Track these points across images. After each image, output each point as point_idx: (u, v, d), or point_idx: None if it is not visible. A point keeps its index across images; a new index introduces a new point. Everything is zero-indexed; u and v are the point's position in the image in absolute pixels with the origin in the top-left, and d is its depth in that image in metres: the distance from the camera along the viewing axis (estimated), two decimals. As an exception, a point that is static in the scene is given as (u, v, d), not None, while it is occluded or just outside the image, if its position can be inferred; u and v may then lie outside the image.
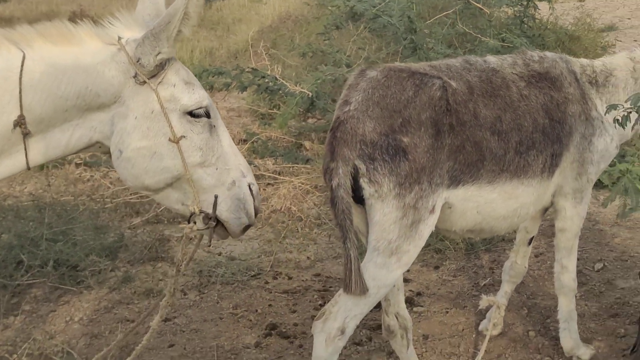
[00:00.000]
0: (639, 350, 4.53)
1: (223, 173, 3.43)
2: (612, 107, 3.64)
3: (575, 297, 5.20)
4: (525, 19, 9.64)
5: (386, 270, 3.73)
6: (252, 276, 6.01)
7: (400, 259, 3.73)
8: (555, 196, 4.42)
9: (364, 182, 3.63)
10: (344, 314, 3.74)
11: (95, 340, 5.05)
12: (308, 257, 6.39)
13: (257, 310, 5.47)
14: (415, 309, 5.45)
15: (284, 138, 8.88)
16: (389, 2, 9.27)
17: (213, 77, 8.66)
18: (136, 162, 3.25)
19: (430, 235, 6.00)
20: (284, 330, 5.20)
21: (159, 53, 3.19)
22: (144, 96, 3.24)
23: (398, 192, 3.62)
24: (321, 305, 5.45)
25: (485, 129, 3.87)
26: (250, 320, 5.34)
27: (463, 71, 4.02)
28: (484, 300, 4.95)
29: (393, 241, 3.69)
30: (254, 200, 3.50)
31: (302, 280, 5.96)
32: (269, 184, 7.67)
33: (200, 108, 3.33)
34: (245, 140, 8.90)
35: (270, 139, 8.90)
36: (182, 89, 3.30)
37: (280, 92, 8.71)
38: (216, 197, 3.37)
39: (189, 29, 3.27)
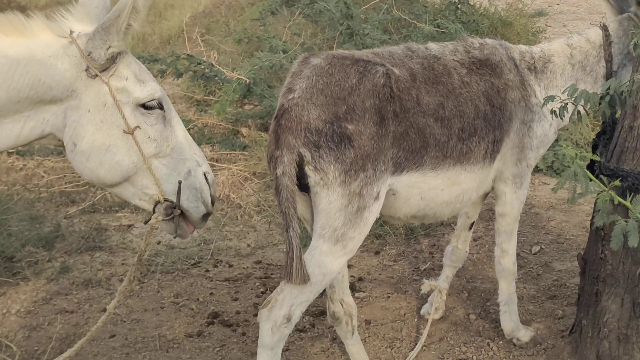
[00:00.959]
0: (577, 330, 4.62)
1: (178, 163, 3.44)
2: (549, 98, 3.69)
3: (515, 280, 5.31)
4: (459, 4, 9.72)
5: (332, 257, 3.73)
6: (192, 265, 5.97)
7: (345, 246, 3.74)
8: (495, 181, 4.48)
9: (309, 170, 3.62)
10: (289, 301, 3.73)
11: (34, 332, 4.95)
12: (248, 245, 6.37)
13: (198, 299, 5.44)
14: (357, 294, 5.48)
15: (221, 125, 8.81)
16: (325, -12, 9.25)
17: (148, 64, 8.54)
18: (91, 155, 3.25)
19: (371, 221, 6.08)
20: (226, 318, 5.17)
21: (110, 47, 3.20)
22: (96, 89, 3.24)
23: (343, 180, 3.63)
24: (263, 293, 5.45)
25: (428, 116, 3.88)
26: (192, 309, 5.30)
27: (405, 58, 4.03)
28: (426, 285, 5.01)
29: (338, 228, 3.69)
30: (210, 189, 3.53)
31: (243, 268, 5.94)
32: (221, 169, 7.62)
33: (153, 100, 3.34)
34: (181, 128, 8.80)
35: (206, 126, 8.82)
36: (134, 82, 3.31)
37: (217, 78, 8.65)
38: (180, 182, 3.40)
39: (139, 23, 3.27)
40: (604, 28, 4.61)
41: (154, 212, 3.40)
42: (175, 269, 5.80)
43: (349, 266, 5.87)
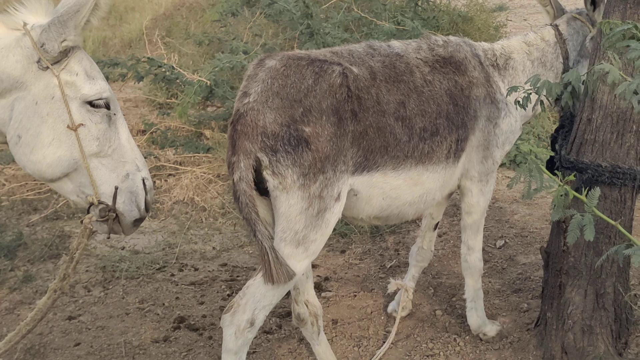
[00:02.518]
0: (542, 323, 4.66)
1: (118, 165, 3.49)
2: (512, 89, 3.72)
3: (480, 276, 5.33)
4: (419, 1, 9.74)
5: (294, 260, 3.70)
6: (157, 269, 5.92)
7: (307, 249, 3.72)
8: (461, 179, 4.47)
9: (267, 175, 3.60)
10: (252, 305, 3.73)
11: (-2, 343, 4.89)
12: (213, 247, 6.34)
13: (164, 304, 5.40)
14: (323, 294, 5.47)
15: (184, 127, 8.77)
16: (285, -12, 9.23)
17: (108, 68, 8.48)
18: (34, 148, 3.28)
19: (336, 220, 6.08)
20: (192, 322, 5.14)
21: (64, 40, 3.23)
22: (45, 82, 3.27)
23: (302, 183, 3.60)
24: (229, 296, 5.43)
25: (388, 115, 3.86)
26: (158, 314, 5.27)
27: (366, 57, 4.01)
28: (392, 284, 5.03)
29: (300, 231, 3.67)
30: (146, 195, 3.58)
31: (209, 271, 5.91)
32: (170, 174, 7.58)
33: (101, 99, 3.37)
34: (144, 131, 8.76)
35: (169, 128, 8.78)
36: (84, 78, 3.35)
37: (178, 81, 8.59)
38: (116, 188, 3.44)
39: (98, 19, 3.30)
40: (555, 27, 4.69)
41: (88, 212, 3.45)
42: (140, 274, 5.76)
43: (315, 266, 5.87)
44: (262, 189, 3.68)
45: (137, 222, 3.63)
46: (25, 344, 4.81)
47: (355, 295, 5.38)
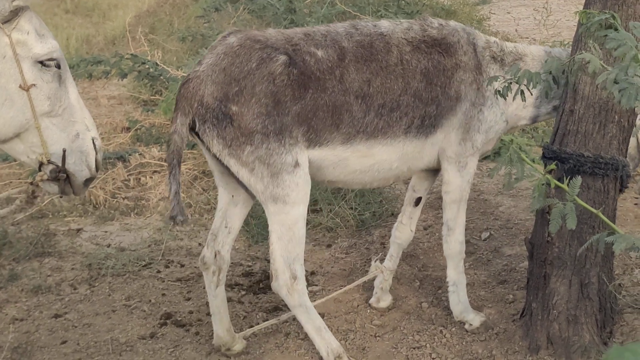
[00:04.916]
0: (527, 314, 4.68)
1: (68, 125, 3.58)
2: (493, 78, 3.74)
3: (465, 265, 5.35)
4: (402, -5, 9.78)
5: (283, 213, 4.16)
6: (143, 266, 5.91)
7: (286, 201, 4.14)
8: (441, 160, 4.61)
9: (204, 139, 4.09)
10: (285, 263, 4.21)
11: (-16, 342, 4.89)
12: (199, 244, 6.33)
13: (150, 301, 5.39)
14: (310, 288, 5.47)
15: (169, 124, 8.74)
16: (268, -17, 9.24)
17: (91, 65, 8.47)
18: None
19: (322, 215, 6.12)
20: (179, 318, 5.14)
21: (16, 0, 3.29)
22: None
23: (229, 152, 4.06)
24: (215, 291, 5.42)
25: (349, 94, 4.18)
26: (144, 311, 5.26)
27: (343, 37, 4.29)
28: (373, 267, 5.08)
29: (264, 191, 4.12)
30: (96, 154, 3.70)
31: (195, 267, 5.90)
32: (155, 171, 7.56)
33: (52, 59, 3.45)
34: (128, 129, 8.74)
35: (154, 125, 8.75)
36: (35, 38, 3.41)
37: (162, 77, 8.60)
38: (64, 150, 3.54)
39: None
40: None
41: (39, 170, 3.54)
42: (126, 271, 5.75)
43: (301, 260, 5.88)
44: None
45: (88, 181, 3.77)
46: (11, 343, 4.80)
47: (342, 288, 5.38)
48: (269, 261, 5.83)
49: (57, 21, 16.11)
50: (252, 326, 4.99)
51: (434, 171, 4.89)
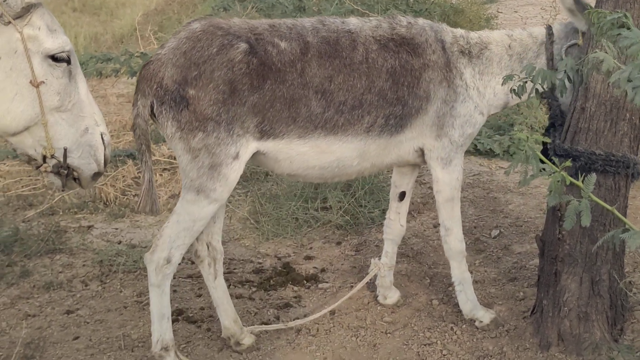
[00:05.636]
0: (538, 311, 4.69)
1: (77, 119, 3.64)
2: (508, 77, 3.75)
3: (475, 263, 5.38)
4: (411, -7, 9.79)
5: (197, 206, 4.22)
6: (154, 263, 5.92)
7: (208, 196, 4.19)
8: (426, 160, 4.66)
9: (159, 120, 4.14)
10: (168, 245, 4.27)
11: (-2, 337, 4.92)
12: (210, 241, 6.34)
13: (162, 297, 5.41)
14: (320, 285, 5.51)
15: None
16: (276, -19, 9.26)
17: (101, 63, 8.47)
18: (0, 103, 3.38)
19: (331, 212, 6.13)
20: (190, 315, 5.17)
21: None
22: (7, 36, 3.36)
23: (180, 136, 4.09)
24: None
25: (309, 88, 4.21)
26: (156, 307, 5.28)
27: (309, 31, 4.32)
28: (372, 264, 5.15)
29: (195, 179, 4.17)
30: (105, 149, 3.78)
31: (206, 264, 5.91)
32: (165, 169, 7.58)
33: (63, 52, 3.50)
34: (138, 126, 8.74)
35: (163, 123, 8.76)
36: (46, 33, 3.47)
37: (171, 75, 8.60)
38: (65, 149, 3.62)
39: None
40: (549, 28, 4.71)
41: (44, 162, 3.62)
42: (137, 268, 5.76)
43: (311, 257, 5.91)
44: None
45: (96, 176, 3.85)
46: (24, 338, 4.83)
47: (352, 286, 5.40)
48: (279, 258, 5.91)
49: (65, 19, 16.13)
50: (263, 323, 5.02)
51: (414, 166, 4.93)
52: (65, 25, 14.81)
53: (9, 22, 3.34)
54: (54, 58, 3.50)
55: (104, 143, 3.80)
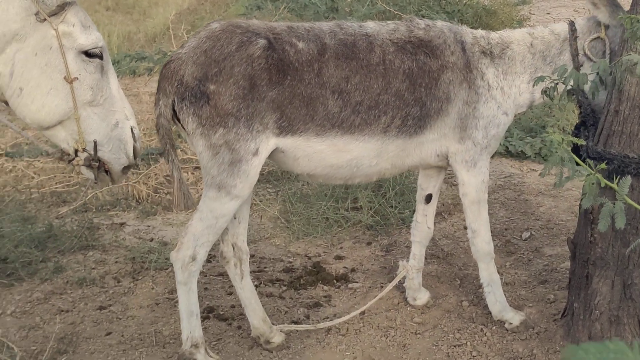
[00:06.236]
0: (569, 314, 4.68)
1: (109, 114, 3.74)
2: (539, 79, 3.75)
3: (505, 265, 5.37)
4: (443, -6, 9.78)
5: (219, 202, 4.27)
6: (185, 260, 5.97)
7: (229, 192, 4.24)
8: (450, 162, 4.67)
9: (180, 117, 4.20)
10: (193, 242, 4.33)
11: (32, 332, 4.96)
12: (240, 239, 6.38)
13: (193, 294, 5.45)
14: (350, 285, 5.53)
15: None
16: (309, -18, 9.29)
17: (135, 62, 8.57)
18: (35, 97, 3.50)
19: (362, 213, 6.14)
20: (221, 312, 5.20)
21: None
22: (42, 32, 3.46)
23: (201, 132, 4.15)
24: (257, 287, 5.47)
25: (325, 87, 4.25)
26: (187, 305, 5.32)
27: (326, 34, 4.38)
28: (401, 266, 5.17)
29: (215, 176, 4.22)
30: (135, 142, 3.88)
31: (236, 262, 5.95)
32: (197, 167, 7.62)
33: (96, 48, 3.61)
34: (170, 125, 8.80)
35: (195, 122, 8.81)
36: (80, 30, 3.58)
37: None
38: (95, 142, 3.71)
39: None
40: (571, 23, 4.70)
41: (76, 155, 3.71)
42: (169, 265, 5.80)
43: (341, 257, 5.93)
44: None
45: (126, 169, 3.96)
46: (58, 333, 4.89)
47: (382, 287, 5.42)
48: (309, 257, 5.93)
49: (99, 18, 16.26)
50: (293, 322, 5.05)
51: (440, 168, 4.93)
52: (98, 23, 14.89)
53: (44, 20, 3.44)
54: (87, 54, 3.60)
55: (134, 137, 3.90)
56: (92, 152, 3.72)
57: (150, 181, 7.27)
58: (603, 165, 3.03)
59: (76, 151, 3.70)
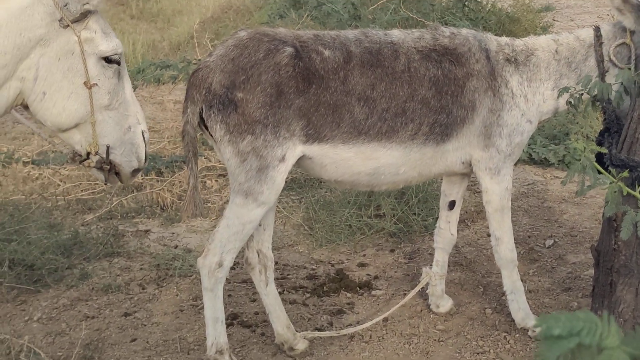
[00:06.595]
0: (592, 322, 4.66)
1: (122, 118, 3.84)
2: (564, 89, 3.75)
3: (529, 273, 5.37)
4: (467, 2, 9.77)
5: (246, 209, 4.31)
6: (209, 267, 6.00)
7: (257, 199, 4.28)
8: (474, 170, 4.69)
9: (208, 124, 4.26)
10: (220, 249, 4.37)
11: (59, 338, 5.01)
12: (264, 246, 6.40)
13: (217, 301, 5.48)
14: (373, 292, 5.55)
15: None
16: (332, -10, 9.33)
17: (159, 70, 8.63)
18: (57, 101, 3.61)
19: (385, 220, 6.16)
20: (245, 319, 5.23)
21: (87, 3, 3.56)
22: (65, 38, 3.57)
23: (229, 139, 4.21)
24: (280, 294, 5.49)
25: (351, 95, 4.29)
26: (211, 311, 5.35)
27: (352, 42, 4.41)
28: (424, 273, 5.19)
29: (243, 183, 4.26)
30: (145, 146, 3.96)
31: (260, 269, 5.98)
32: (220, 175, 7.67)
33: (116, 54, 3.71)
34: (194, 132, 8.84)
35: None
36: (101, 36, 3.68)
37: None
38: (108, 146, 3.81)
39: None
40: (596, 29, 4.69)
41: (87, 158, 3.81)
42: (193, 272, 5.84)
43: (364, 264, 5.95)
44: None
45: (136, 172, 4.03)
46: (83, 339, 4.94)
47: (405, 294, 5.42)
48: (332, 265, 5.95)
49: (123, 26, 16.38)
50: (316, 329, 5.07)
51: (463, 175, 4.94)
52: (123, 32, 15.06)
53: (67, 26, 3.54)
54: (107, 60, 3.70)
55: (144, 141, 3.98)
56: (104, 155, 3.82)
57: (174, 188, 7.31)
58: (625, 174, 3.03)
59: (88, 153, 3.80)
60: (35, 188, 7.46)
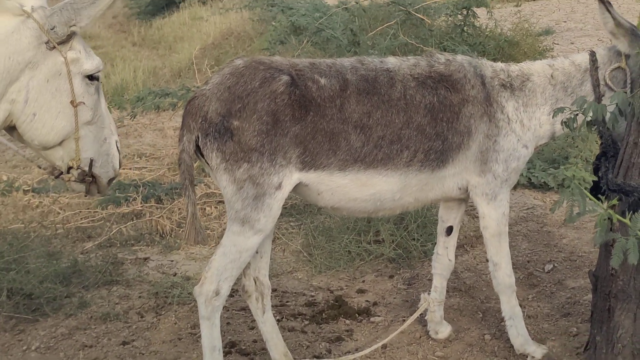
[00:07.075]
0: (591, 347, 4.65)
1: (100, 131, 3.95)
2: (559, 110, 3.76)
3: (527, 298, 5.35)
4: (465, 27, 9.80)
5: (243, 237, 4.30)
6: (208, 295, 5.99)
7: (253, 227, 4.28)
8: (471, 195, 4.71)
9: (204, 152, 4.26)
10: (217, 277, 4.36)
11: (55, 367, 5.02)
12: (263, 273, 6.39)
13: (215, 329, 5.46)
14: (372, 319, 5.53)
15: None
16: (331, 16, 9.37)
17: (159, 98, 8.64)
18: (46, 121, 3.70)
19: (384, 245, 6.15)
20: (243, 347, 5.22)
21: (73, 25, 3.65)
22: (52, 59, 3.65)
23: (225, 167, 4.21)
24: (279, 321, 5.48)
25: (347, 123, 4.31)
26: (209, 339, 5.33)
27: (348, 70, 4.43)
28: (422, 299, 5.16)
29: (239, 211, 4.26)
30: (119, 155, 4.08)
31: (259, 297, 5.96)
32: (220, 201, 7.67)
33: (99, 72, 3.82)
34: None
35: (219, 156, 8.85)
36: (85, 55, 3.78)
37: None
38: (91, 160, 3.92)
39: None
40: (592, 54, 4.71)
41: (68, 172, 3.89)
42: (192, 300, 5.82)
43: (364, 291, 5.94)
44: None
45: (111, 181, 4.13)
46: (81, 369, 4.93)
47: (404, 321, 5.40)
48: (332, 291, 5.93)
49: (125, 53, 16.50)
50: (315, 356, 5.05)
51: (461, 200, 4.94)
52: (125, 59, 15.16)
53: (54, 47, 3.62)
54: (90, 77, 3.81)
55: (118, 150, 4.09)
56: (87, 169, 3.92)
57: (174, 216, 7.32)
58: (615, 201, 3.03)
59: (70, 168, 3.89)
60: (35, 216, 7.47)
